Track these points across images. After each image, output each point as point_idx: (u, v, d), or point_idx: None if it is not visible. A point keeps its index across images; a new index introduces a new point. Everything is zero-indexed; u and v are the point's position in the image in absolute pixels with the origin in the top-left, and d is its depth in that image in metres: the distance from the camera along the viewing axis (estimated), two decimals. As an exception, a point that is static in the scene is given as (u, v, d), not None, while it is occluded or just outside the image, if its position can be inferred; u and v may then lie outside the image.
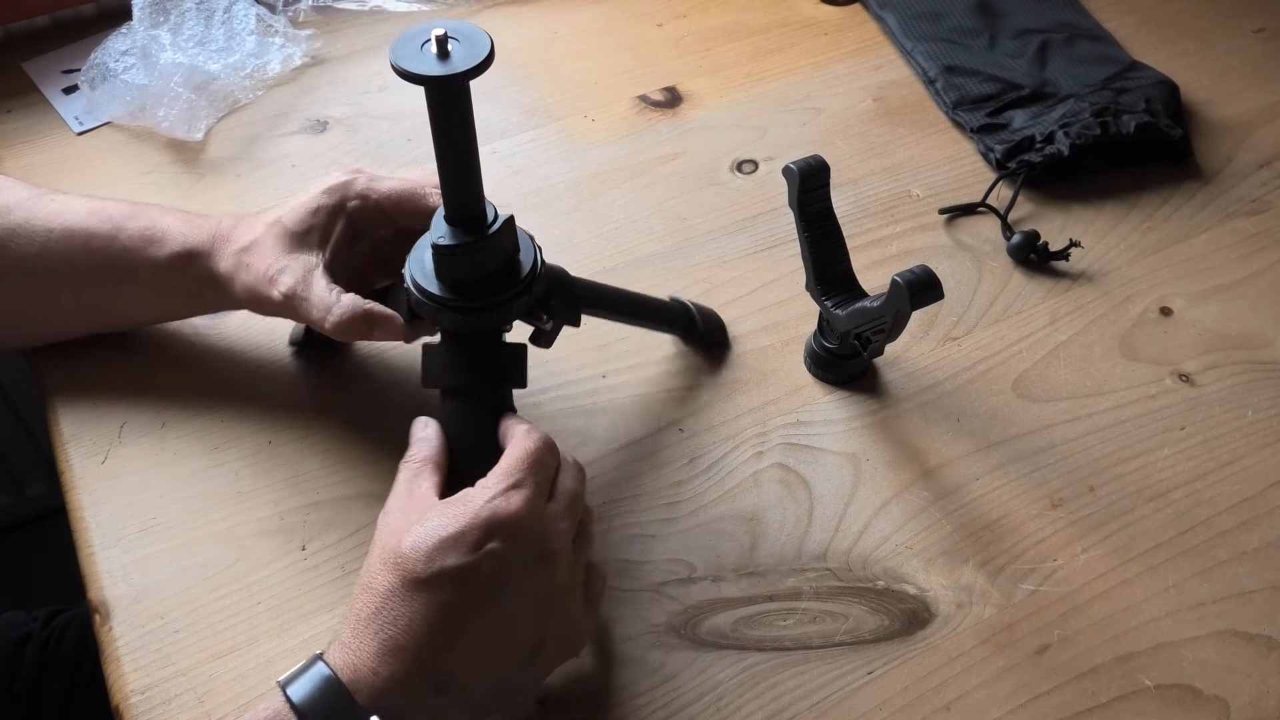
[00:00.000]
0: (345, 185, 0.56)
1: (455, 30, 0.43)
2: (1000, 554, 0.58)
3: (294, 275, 0.53)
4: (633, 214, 0.75)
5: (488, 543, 0.44)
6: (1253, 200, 0.77)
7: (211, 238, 0.56)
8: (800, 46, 0.89)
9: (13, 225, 0.57)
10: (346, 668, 0.43)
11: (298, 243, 0.54)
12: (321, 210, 0.55)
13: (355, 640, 0.44)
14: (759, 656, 0.54)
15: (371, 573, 0.45)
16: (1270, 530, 0.59)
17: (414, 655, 0.43)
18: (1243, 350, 0.68)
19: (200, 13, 0.81)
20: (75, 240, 0.57)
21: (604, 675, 0.53)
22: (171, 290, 0.58)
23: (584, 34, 0.90)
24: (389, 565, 0.44)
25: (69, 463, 0.60)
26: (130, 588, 0.55)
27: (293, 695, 0.43)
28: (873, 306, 0.56)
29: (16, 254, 0.57)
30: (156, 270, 0.57)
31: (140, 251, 0.56)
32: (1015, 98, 0.81)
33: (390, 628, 0.44)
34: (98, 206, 0.58)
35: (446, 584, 0.44)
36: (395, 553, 0.44)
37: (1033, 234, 0.72)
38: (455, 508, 0.45)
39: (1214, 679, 0.53)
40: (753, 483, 0.61)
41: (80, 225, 0.57)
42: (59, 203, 0.58)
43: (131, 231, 0.57)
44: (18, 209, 0.57)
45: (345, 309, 0.51)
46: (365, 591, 0.45)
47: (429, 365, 0.52)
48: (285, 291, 0.52)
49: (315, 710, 0.42)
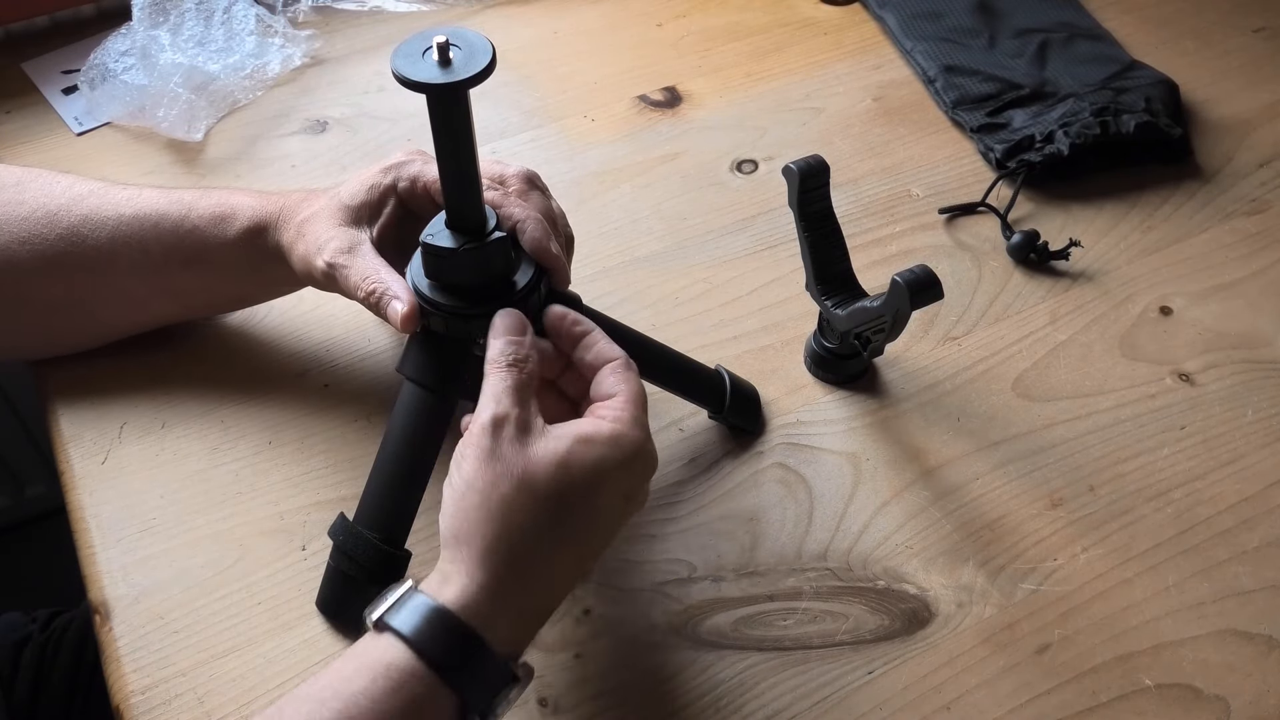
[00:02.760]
0: (400, 166, 0.56)
1: (457, 37, 0.43)
2: (1000, 554, 0.58)
3: (339, 245, 0.53)
4: (632, 214, 0.75)
5: (638, 473, 0.47)
6: (1252, 200, 0.77)
7: (279, 210, 0.56)
8: (800, 46, 0.89)
9: (85, 212, 0.57)
10: (469, 606, 0.42)
11: (350, 217, 0.54)
12: (376, 188, 0.55)
13: (487, 576, 0.43)
14: (759, 656, 0.54)
15: (497, 500, 0.43)
16: (1270, 530, 0.59)
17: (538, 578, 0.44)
18: (1243, 350, 0.68)
19: (200, 13, 0.81)
20: (146, 223, 0.57)
21: (604, 675, 0.53)
22: (240, 267, 0.58)
23: (584, 34, 0.90)
24: (526, 483, 0.43)
25: (69, 463, 0.60)
26: (130, 588, 0.55)
27: (427, 650, 0.41)
28: (873, 306, 0.56)
29: (90, 241, 0.57)
30: (226, 247, 0.57)
31: (210, 229, 0.57)
32: (1015, 97, 0.81)
33: (526, 559, 0.43)
34: (169, 191, 0.59)
35: (598, 512, 0.45)
36: (545, 465, 0.44)
37: (1033, 233, 0.72)
38: (598, 425, 0.46)
39: (1214, 679, 0.53)
40: (753, 482, 0.61)
41: (151, 208, 0.57)
42: (130, 190, 0.59)
43: (202, 210, 0.57)
44: (91, 196, 0.58)
45: (374, 284, 0.51)
46: (499, 518, 0.43)
47: (405, 352, 0.53)
48: (328, 259, 0.52)
49: (454, 667, 0.41)
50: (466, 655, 0.42)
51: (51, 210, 0.57)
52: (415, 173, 0.55)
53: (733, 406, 0.61)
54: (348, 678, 0.41)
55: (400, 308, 0.50)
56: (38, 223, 0.57)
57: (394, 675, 0.41)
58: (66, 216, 0.57)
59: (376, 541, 0.51)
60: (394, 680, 0.41)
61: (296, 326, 0.67)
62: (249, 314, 0.67)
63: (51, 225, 0.57)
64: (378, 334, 0.67)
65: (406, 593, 0.43)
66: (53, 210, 0.57)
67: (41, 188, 0.58)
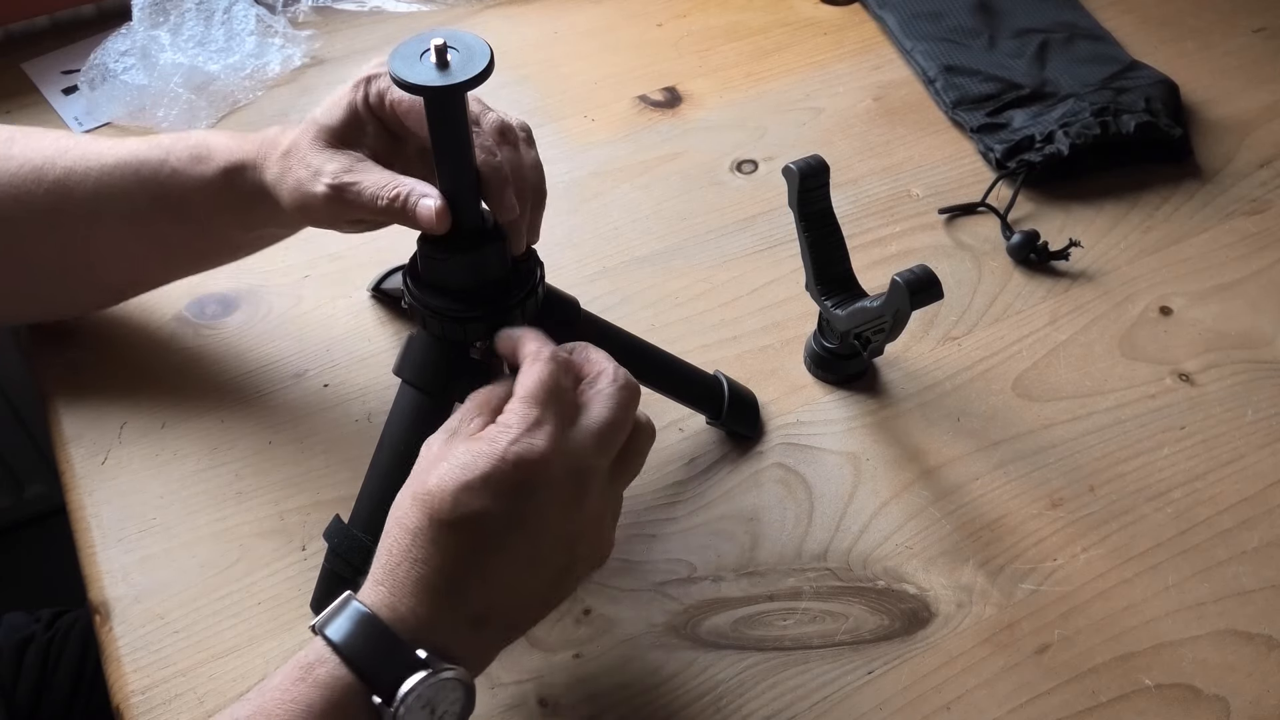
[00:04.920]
0: (370, 81, 0.52)
1: (455, 40, 0.43)
2: (1000, 554, 0.58)
3: (338, 166, 0.50)
4: (633, 214, 0.75)
5: (515, 486, 0.43)
6: (1252, 200, 0.77)
7: (257, 148, 0.54)
8: (800, 46, 0.89)
9: (69, 164, 0.57)
10: (384, 606, 0.43)
11: (334, 137, 0.51)
12: (353, 105, 0.52)
13: (389, 578, 0.43)
14: (759, 656, 0.54)
15: (403, 507, 0.44)
16: (1270, 530, 0.59)
17: (449, 594, 0.43)
18: (1243, 350, 0.68)
19: (200, 13, 0.81)
20: (128, 170, 0.56)
21: (604, 675, 0.53)
22: (222, 209, 0.56)
23: (584, 34, 0.90)
24: (418, 502, 0.43)
25: (69, 463, 0.60)
26: (130, 588, 0.55)
27: (333, 636, 0.42)
28: (873, 306, 0.56)
29: (76, 193, 0.57)
30: (207, 189, 0.55)
31: (189, 172, 0.55)
32: (1015, 97, 0.81)
33: (422, 566, 0.43)
34: (148, 138, 0.58)
35: (473, 527, 0.43)
36: (424, 489, 0.43)
37: (1032, 233, 0.72)
38: (481, 447, 0.43)
39: (1214, 679, 0.53)
40: (753, 482, 0.61)
41: (131, 155, 0.57)
42: (112, 140, 0.58)
43: (180, 152, 0.56)
44: (74, 149, 0.57)
45: (395, 189, 0.48)
46: (396, 526, 0.44)
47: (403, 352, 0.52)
48: (332, 182, 0.49)
49: (359, 650, 0.41)
50: (368, 638, 0.42)
51: (38, 164, 0.57)
52: (383, 88, 0.51)
53: (731, 412, 0.61)
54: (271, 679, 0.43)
55: (432, 204, 0.47)
56: (25, 178, 0.57)
57: (301, 661, 0.42)
58: (52, 170, 0.57)
59: (370, 544, 0.51)
60: (300, 665, 0.42)
61: (296, 326, 0.67)
62: (249, 314, 0.67)
63: (39, 180, 0.57)
64: (378, 334, 0.67)
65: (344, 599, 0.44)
66: (39, 164, 0.57)
67: (29, 143, 0.58)
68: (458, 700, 0.43)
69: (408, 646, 0.42)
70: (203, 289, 0.68)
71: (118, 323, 0.67)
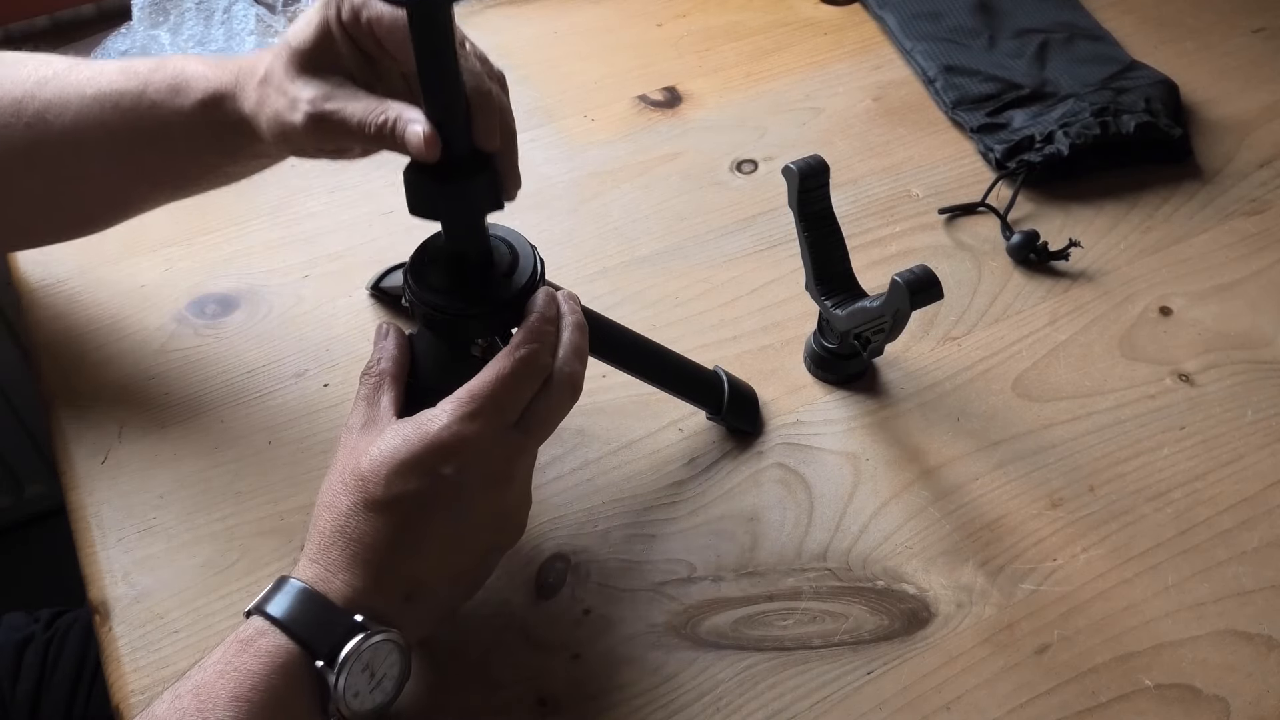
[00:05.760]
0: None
1: None
2: (1000, 554, 0.58)
3: (318, 93, 0.47)
4: (632, 214, 0.75)
5: (442, 468, 0.45)
6: (1252, 200, 0.78)
7: (234, 77, 0.52)
8: (800, 46, 0.89)
9: (48, 97, 0.55)
10: (318, 581, 0.45)
11: (310, 61, 0.49)
12: (325, 23, 0.49)
13: (321, 556, 0.45)
14: (759, 656, 0.54)
15: (333, 491, 0.46)
16: (1270, 530, 0.59)
17: (380, 568, 0.45)
18: (1243, 350, 0.68)
19: (200, 13, 0.81)
20: (106, 102, 0.55)
21: (604, 675, 0.53)
22: (202, 139, 0.54)
23: (584, 34, 0.90)
24: (349, 485, 0.46)
25: (69, 463, 0.60)
26: (130, 588, 0.55)
27: (272, 611, 0.44)
28: (873, 306, 0.56)
29: (54, 125, 0.55)
30: (185, 121, 0.53)
31: (168, 103, 0.54)
32: (1015, 97, 0.81)
33: (355, 544, 0.45)
34: (126, 64, 0.56)
35: (404, 506, 0.45)
36: (355, 473, 0.46)
37: (1032, 234, 0.72)
38: (412, 430, 0.46)
39: (1214, 679, 0.53)
40: (752, 482, 0.61)
41: (109, 86, 0.55)
42: (93, 68, 0.56)
43: (158, 83, 0.54)
44: (55, 80, 0.56)
45: (382, 114, 0.46)
46: (327, 510, 0.46)
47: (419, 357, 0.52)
48: (311, 110, 0.47)
49: (298, 620, 0.44)
50: (307, 609, 0.44)
51: (17, 97, 0.56)
52: (357, 3, 0.48)
53: (731, 408, 0.61)
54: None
55: (421, 129, 0.45)
56: (4, 111, 0.55)
57: (240, 637, 0.44)
58: (31, 103, 0.55)
59: None
60: (240, 640, 0.44)
61: (296, 326, 0.67)
62: (249, 314, 0.67)
63: (18, 114, 0.55)
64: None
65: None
66: (18, 97, 0.56)
67: (5, 74, 0.57)
68: (395, 663, 0.46)
69: (345, 613, 0.44)
70: (203, 289, 0.68)
71: (118, 323, 0.67)
